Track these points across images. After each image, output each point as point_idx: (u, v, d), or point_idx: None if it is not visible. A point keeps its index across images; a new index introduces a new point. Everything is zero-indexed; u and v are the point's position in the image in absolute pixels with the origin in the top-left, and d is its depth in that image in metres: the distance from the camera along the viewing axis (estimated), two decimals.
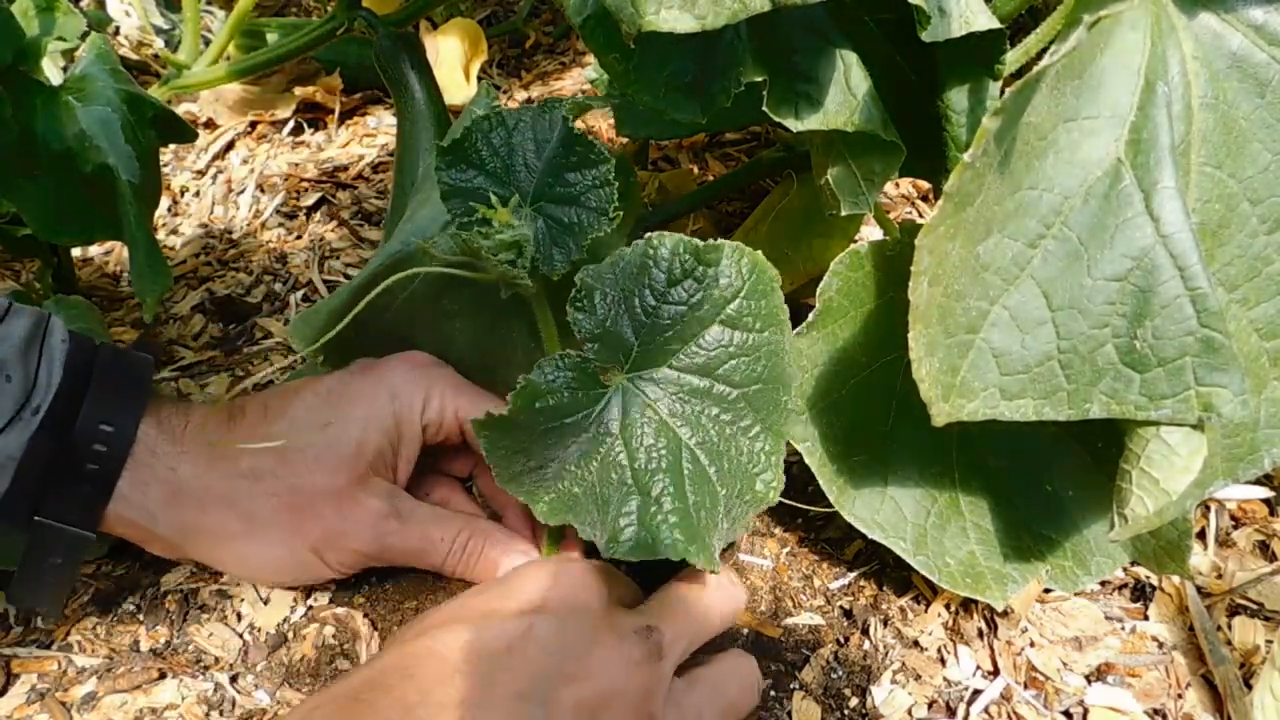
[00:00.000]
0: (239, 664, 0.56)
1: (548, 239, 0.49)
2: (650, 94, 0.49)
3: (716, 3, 0.42)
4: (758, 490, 0.48)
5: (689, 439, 0.47)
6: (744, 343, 0.47)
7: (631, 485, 0.47)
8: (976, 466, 0.57)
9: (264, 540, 0.54)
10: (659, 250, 0.46)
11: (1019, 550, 0.56)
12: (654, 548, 0.45)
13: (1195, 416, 0.41)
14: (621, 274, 0.47)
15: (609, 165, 0.48)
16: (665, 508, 0.46)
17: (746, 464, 0.48)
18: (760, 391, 0.48)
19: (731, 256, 0.47)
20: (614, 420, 0.47)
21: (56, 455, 0.50)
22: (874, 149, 0.51)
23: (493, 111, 0.50)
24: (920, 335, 0.43)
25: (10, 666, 0.56)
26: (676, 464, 0.47)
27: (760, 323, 0.47)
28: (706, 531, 0.46)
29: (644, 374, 0.48)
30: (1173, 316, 0.41)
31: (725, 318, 0.47)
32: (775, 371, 0.48)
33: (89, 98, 0.70)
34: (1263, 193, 0.44)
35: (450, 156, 0.49)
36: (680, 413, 0.48)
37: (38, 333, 0.51)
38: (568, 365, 0.46)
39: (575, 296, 0.46)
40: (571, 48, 1.22)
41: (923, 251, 0.43)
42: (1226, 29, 0.44)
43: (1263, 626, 0.55)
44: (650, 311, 0.46)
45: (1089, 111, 0.42)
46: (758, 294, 0.47)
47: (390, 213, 0.73)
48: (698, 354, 0.47)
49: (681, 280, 0.46)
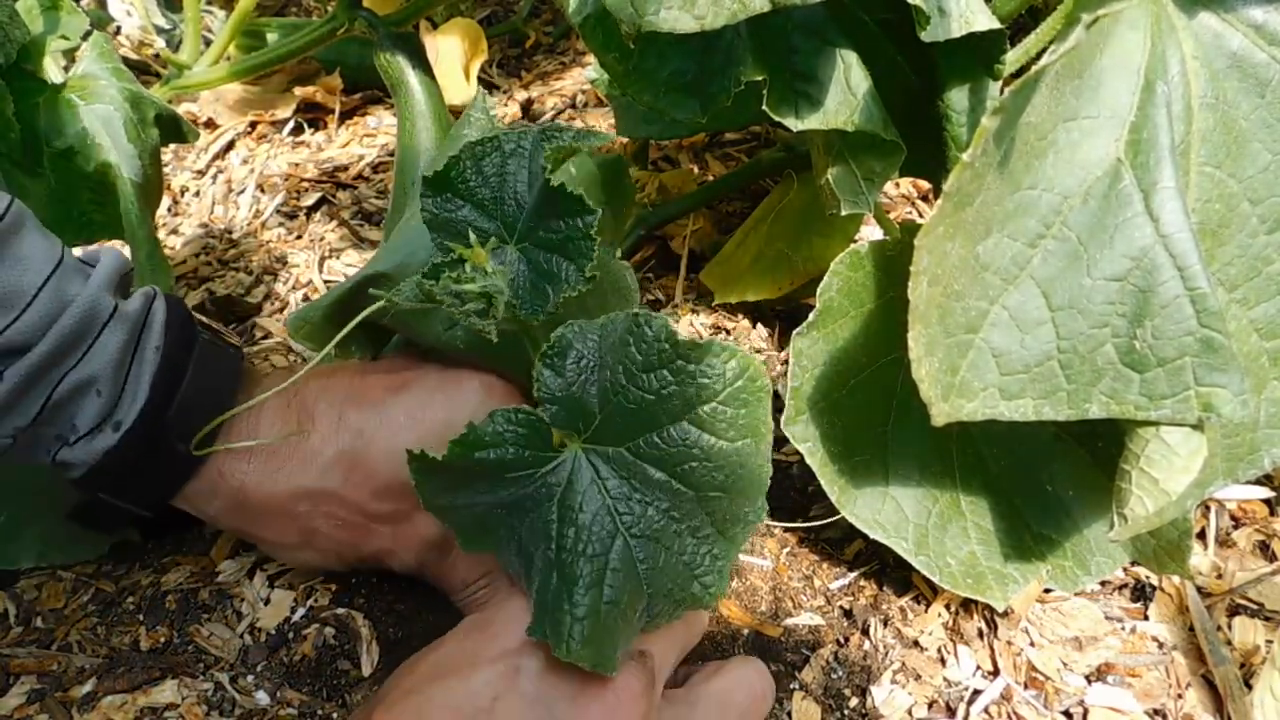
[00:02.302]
0: (239, 664, 0.56)
1: (528, 284, 0.45)
2: (650, 93, 0.49)
3: (716, 3, 0.42)
4: (693, 591, 0.45)
5: (628, 527, 0.44)
6: (710, 447, 0.43)
7: (553, 562, 0.44)
8: (976, 466, 0.57)
9: (318, 550, 0.55)
10: (643, 330, 0.42)
11: (1019, 550, 0.56)
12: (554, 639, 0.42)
13: (1195, 417, 0.41)
14: (603, 340, 0.44)
15: (593, 218, 0.43)
16: (575, 599, 0.42)
17: (688, 563, 0.45)
18: (719, 499, 0.44)
19: (719, 358, 0.43)
20: (559, 487, 0.44)
21: (131, 461, 0.50)
22: (874, 148, 0.51)
23: (488, 136, 0.47)
24: (920, 335, 0.43)
25: (10, 666, 0.56)
26: (605, 553, 0.43)
27: (735, 431, 0.43)
28: (610, 635, 0.43)
29: (601, 449, 0.44)
30: (1172, 316, 0.41)
31: (695, 418, 0.43)
32: (741, 482, 0.44)
33: (91, 96, 0.70)
34: (1263, 192, 0.44)
35: (436, 185, 0.46)
36: (627, 497, 0.44)
37: (132, 340, 0.50)
38: (520, 422, 0.43)
39: (548, 351, 0.43)
40: (571, 48, 1.22)
41: (922, 251, 0.43)
42: (1226, 29, 0.44)
43: (1263, 626, 0.55)
44: (619, 389, 0.43)
45: (1089, 111, 0.42)
46: (739, 402, 0.43)
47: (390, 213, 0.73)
48: (660, 445, 0.43)
49: (657, 368, 0.42)
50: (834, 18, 0.50)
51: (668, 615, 0.45)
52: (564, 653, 0.41)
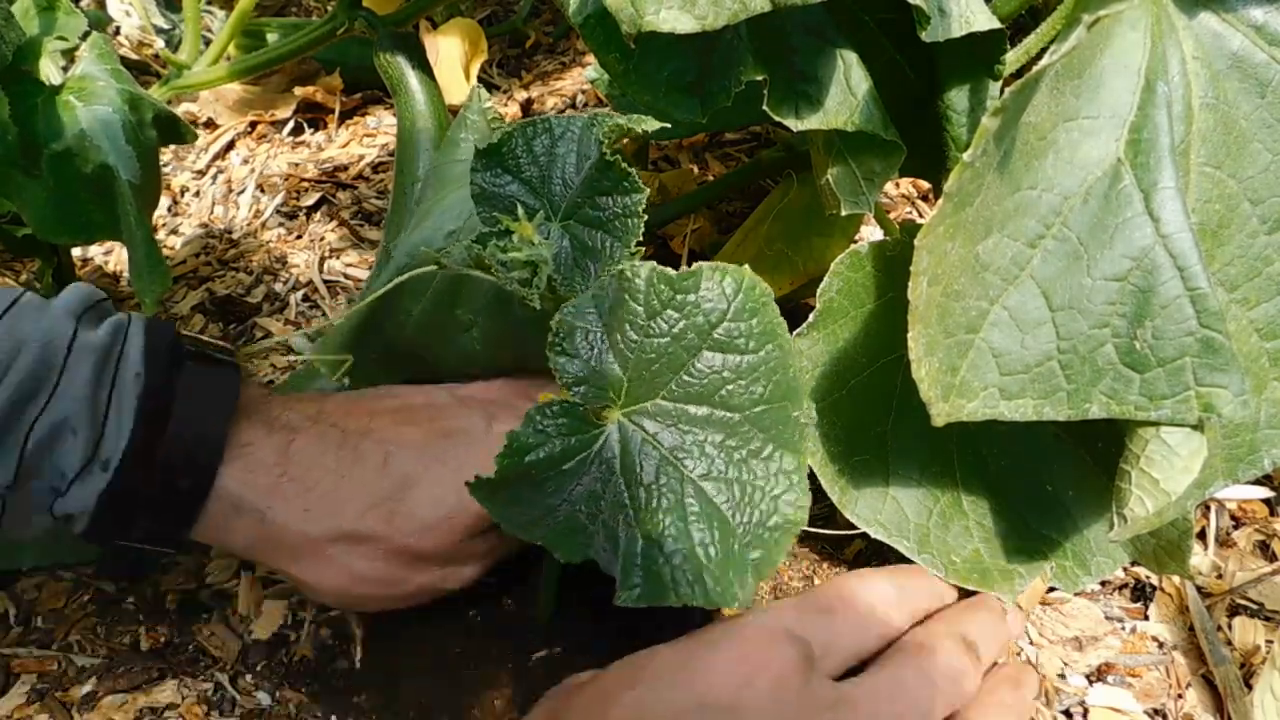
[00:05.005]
0: (239, 664, 0.56)
1: (571, 260, 0.47)
2: (650, 93, 0.49)
3: (717, 3, 0.42)
4: (784, 513, 0.44)
5: (693, 471, 0.44)
6: (738, 365, 0.44)
7: (635, 527, 0.44)
8: (977, 466, 0.57)
9: (359, 588, 0.52)
10: (634, 282, 0.44)
11: (1021, 550, 0.56)
12: (661, 594, 0.42)
13: (1195, 417, 0.41)
14: (599, 308, 0.44)
15: (641, 196, 0.45)
16: (668, 549, 0.43)
17: (766, 488, 0.45)
18: (765, 412, 0.45)
19: (712, 279, 0.44)
20: (615, 459, 0.45)
21: (131, 500, 0.46)
22: (874, 148, 0.51)
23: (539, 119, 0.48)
24: (920, 335, 0.43)
25: (10, 666, 0.56)
26: (679, 501, 0.44)
27: (753, 342, 0.44)
28: (720, 569, 0.43)
29: (640, 408, 0.45)
30: (1172, 317, 0.41)
31: (713, 342, 0.44)
32: (779, 388, 0.45)
33: (90, 97, 0.70)
34: (1263, 193, 0.44)
35: (487, 159, 0.48)
36: (683, 444, 0.45)
37: (107, 370, 0.46)
38: (556, 414, 0.44)
39: (554, 341, 0.44)
40: (571, 48, 1.22)
41: (922, 252, 0.43)
42: (1227, 29, 0.44)
43: (1263, 626, 0.55)
44: (634, 346, 0.44)
45: (1089, 111, 0.42)
46: (746, 313, 0.44)
47: (390, 213, 0.73)
48: (691, 382, 0.44)
49: (661, 311, 0.44)
50: (834, 17, 0.50)
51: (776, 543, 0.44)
52: (674, 599, 0.42)
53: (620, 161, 0.45)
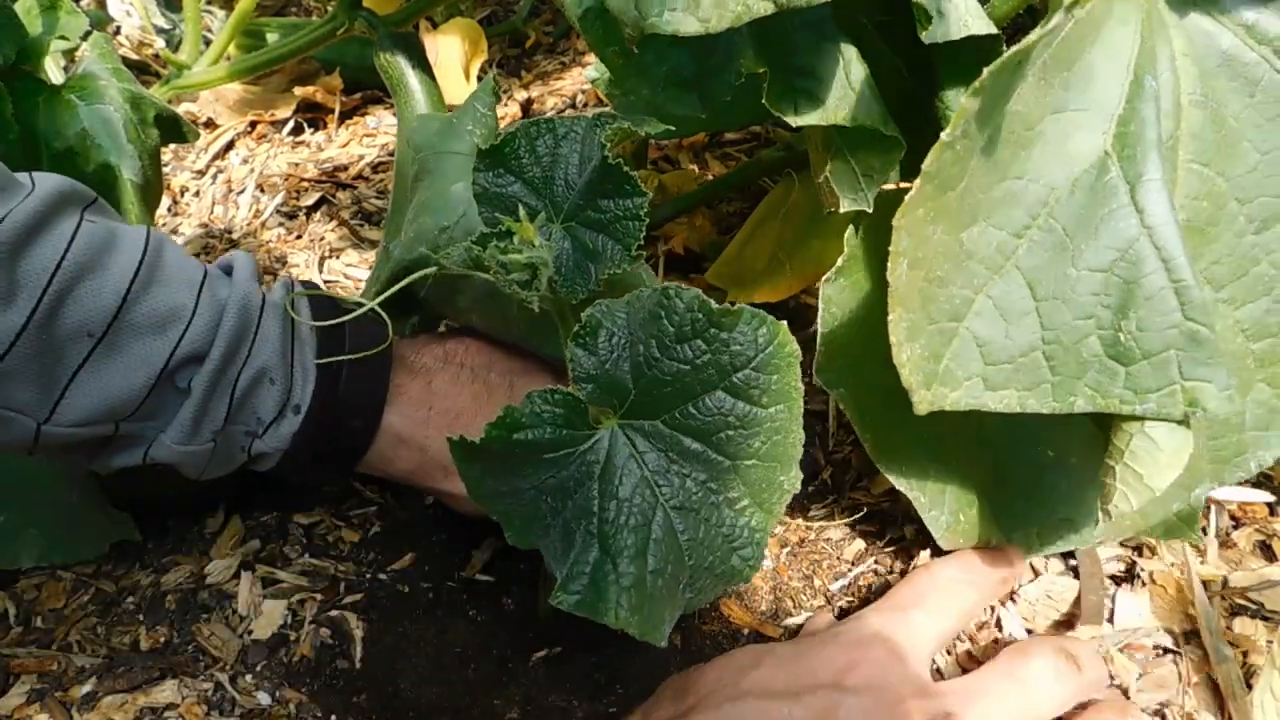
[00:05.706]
0: (239, 664, 0.56)
1: (571, 262, 0.47)
2: (650, 89, 0.49)
3: (720, 5, 0.42)
4: (733, 564, 0.45)
5: (667, 499, 0.44)
6: (746, 414, 0.44)
7: (595, 535, 0.44)
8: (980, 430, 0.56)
9: None
10: (674, 302, 0.43)
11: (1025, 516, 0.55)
12: (597, 609, 0.43)
13: (1181, 412, 0.41)
14: (632, 317, 0.44)
15: (643, 200, 0.45)
16: (620, 569, 0.43)
17: (729, 536, 0.45)
18: (754, 468, 0.45)
19: (749, 324, 0.43)
20: (597, 464, 0.45)
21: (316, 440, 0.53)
22: (873, 144, 0.51)
23: (542, 120, 0.48)
24: (901, 319, 0.43)
25: (10, 666, 0.56)
26: (647, 525, 0.44)
27: (767, 397, 0.44)
28: (658, 603, 0.43)
29: (637, 423, 0.45)
30: (1157, 308, 0.40)
31: (730, 385, 0.44)
32: (775, 450, 0.45)
33: (91, 97, 0.70)
34: (1251, 192, 0.44)
35: (490, 159, 0.48)
36: (665, 470, 0.45)
37: (287, 325, 0.52)
38: (557, 402, 0.44)
39: (580, 332, 0.44)
40: (571, 47, 1.22)
41: (901, 232, 0.42)
42: (1217, 28, 0.44)
43: (1263, 626, 0.55)
44: (653, 363, 0.44)
45: (1077, 104, 0.42)
46: (770, 367, 0.44)
47: (390, 213, 0.73)
48: (696, 415, 0.44)
49: (691, 339, 0.43)
50: (834, 18, 0.50)
51: (710, 590, 0.46)
52: (612, 620, 0.42)
53: (623, 165, 0.45)
